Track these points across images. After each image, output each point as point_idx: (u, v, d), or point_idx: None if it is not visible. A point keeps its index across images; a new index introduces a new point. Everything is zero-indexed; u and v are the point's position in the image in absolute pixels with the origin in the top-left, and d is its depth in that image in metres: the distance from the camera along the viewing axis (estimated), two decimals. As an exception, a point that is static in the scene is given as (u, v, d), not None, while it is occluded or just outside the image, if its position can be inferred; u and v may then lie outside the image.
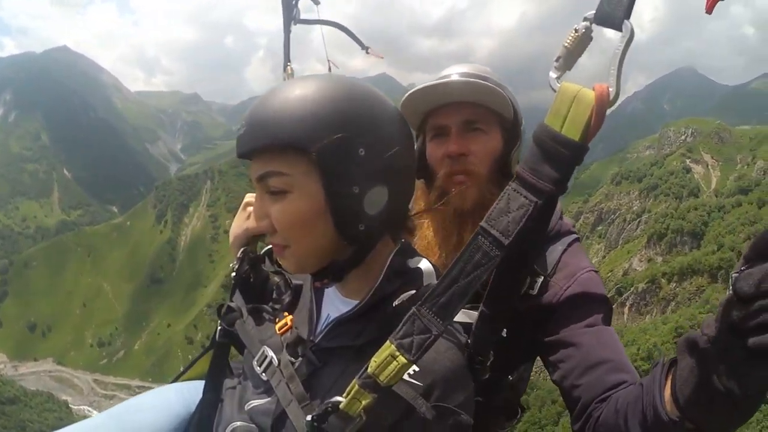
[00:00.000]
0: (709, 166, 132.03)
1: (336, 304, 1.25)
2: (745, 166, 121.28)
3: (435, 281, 1.10)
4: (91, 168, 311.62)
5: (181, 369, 1.76)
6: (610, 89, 0.91)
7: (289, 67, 2.26)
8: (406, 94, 1.56)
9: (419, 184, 1.71)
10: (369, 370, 0.95)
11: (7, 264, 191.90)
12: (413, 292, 1.10)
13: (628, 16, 0.89)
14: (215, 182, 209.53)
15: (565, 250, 1.56)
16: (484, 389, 1.20)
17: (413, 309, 0.96)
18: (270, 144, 1.05)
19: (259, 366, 1.24)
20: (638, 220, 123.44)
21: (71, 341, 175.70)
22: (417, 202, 1.66)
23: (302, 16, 2.31)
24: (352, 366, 1.04)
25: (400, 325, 0.96)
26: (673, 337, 50.22)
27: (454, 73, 1.61)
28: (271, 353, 1.23)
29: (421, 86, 1.55)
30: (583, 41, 0.98)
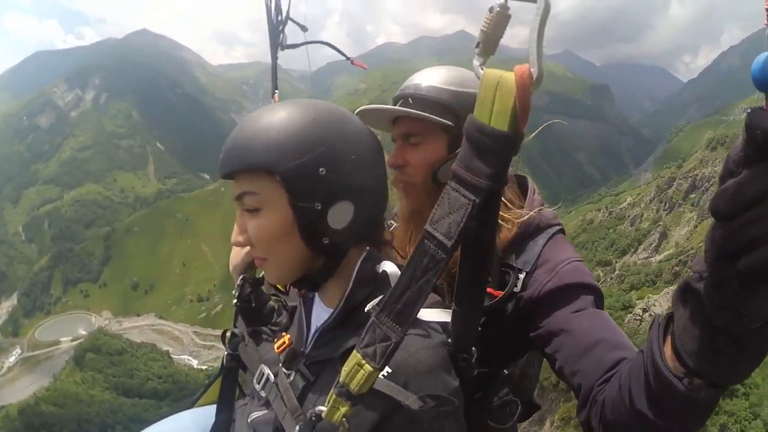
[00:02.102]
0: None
1: (320, 313, 1.32)
2: None
3: None
4: (181, 140, 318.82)
5: (196, 396, 1.83)
6: (532, 69, 0.85)
7: (276, 96, 2.28)
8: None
9: None
10: (340, 379, 0.97)
11: (110, 231, 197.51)
12: (381, 297, 1.07)
13: None
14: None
15: (545, 243, 1.52)
16: (479, 385, 1.21)
17: (372, 318, 0.98)
18: (241, 168, 1.16)
19: (258, 383, 1.32)
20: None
21: (172, 298, 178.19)
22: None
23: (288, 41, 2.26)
24: (334, 374, 1.07)
25: (363, 333, 0.98)
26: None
27: (413, 83, 1.66)
28: (267, 371, 1.32)
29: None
30: (500, 21, 0.92)
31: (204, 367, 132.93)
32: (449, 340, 1.17)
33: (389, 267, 1.23)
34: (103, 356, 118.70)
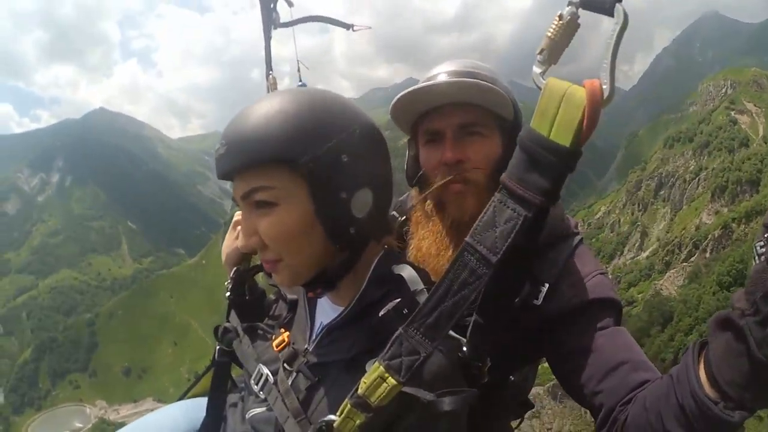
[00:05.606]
0: (754, 115, 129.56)
1: (327, 311, 1.26)
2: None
3: (419, 288, 1.09)
4: (151, 217, 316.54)
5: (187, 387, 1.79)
6: (604, 86, 0.81)
7: (271, 76, 2.11)
8: (393, 101, 1.46)
9: (414, 192, 1.63)
10: (359, 391, 0.93)
11: (93, 317, 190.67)
12: (398, 300, 1.06)
13: None
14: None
15: (570, 255, 1.46)
16: (486, 388, 1.17)
17: (400, 330, 0.94)
18: (256, 161, 1.04)
19: (256, 384, 1.25)
20: (697, 178, 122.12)
21: (168, 379, 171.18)
22: (413, 212, 1.60)
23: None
24: (343, 378, 1.06)
25: (388, 345, 0.94)
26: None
27: (441, 72, 1.47)
28: (266, 371, 1.24)
29: (407, 91, 1.43)
30: (569, 29, 0.85)
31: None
32: (464, 348, 1.10)
33: (406, 271, 1.14)
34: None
